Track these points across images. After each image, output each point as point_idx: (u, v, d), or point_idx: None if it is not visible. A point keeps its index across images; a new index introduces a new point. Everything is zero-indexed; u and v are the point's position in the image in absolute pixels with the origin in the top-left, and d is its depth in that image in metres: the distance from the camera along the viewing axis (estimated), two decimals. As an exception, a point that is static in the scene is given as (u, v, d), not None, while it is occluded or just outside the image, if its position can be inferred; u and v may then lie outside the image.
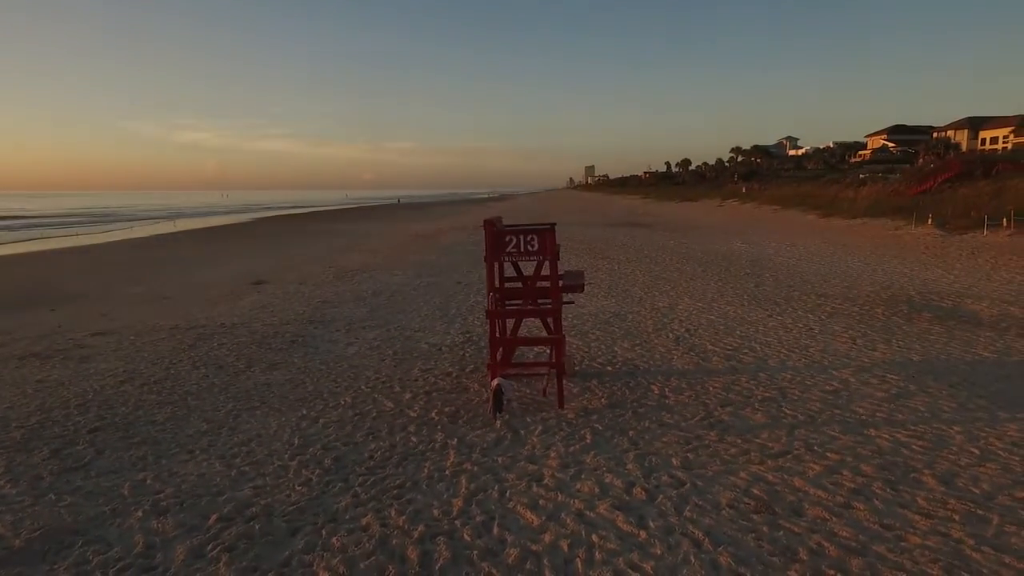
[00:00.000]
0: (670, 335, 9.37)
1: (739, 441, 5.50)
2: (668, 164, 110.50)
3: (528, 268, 7.18)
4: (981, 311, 10.57)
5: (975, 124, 71.77)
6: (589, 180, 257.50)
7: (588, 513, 4.38)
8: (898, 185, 32.16)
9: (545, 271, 6.74)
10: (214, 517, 4.43)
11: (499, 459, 5.31)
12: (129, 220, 49.80)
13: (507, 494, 4.69)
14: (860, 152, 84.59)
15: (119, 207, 76.15)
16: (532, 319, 8.26)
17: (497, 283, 6.87)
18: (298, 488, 4.87)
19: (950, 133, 71.39)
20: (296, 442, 5.78)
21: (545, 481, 4.88)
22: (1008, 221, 20.17)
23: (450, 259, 20.00)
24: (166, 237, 35.11)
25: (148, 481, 5.03)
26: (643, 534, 4.09)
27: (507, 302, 7.27)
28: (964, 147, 64.79)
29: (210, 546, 4.10)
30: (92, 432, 6.04)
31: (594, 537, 4.08)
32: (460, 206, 74.58)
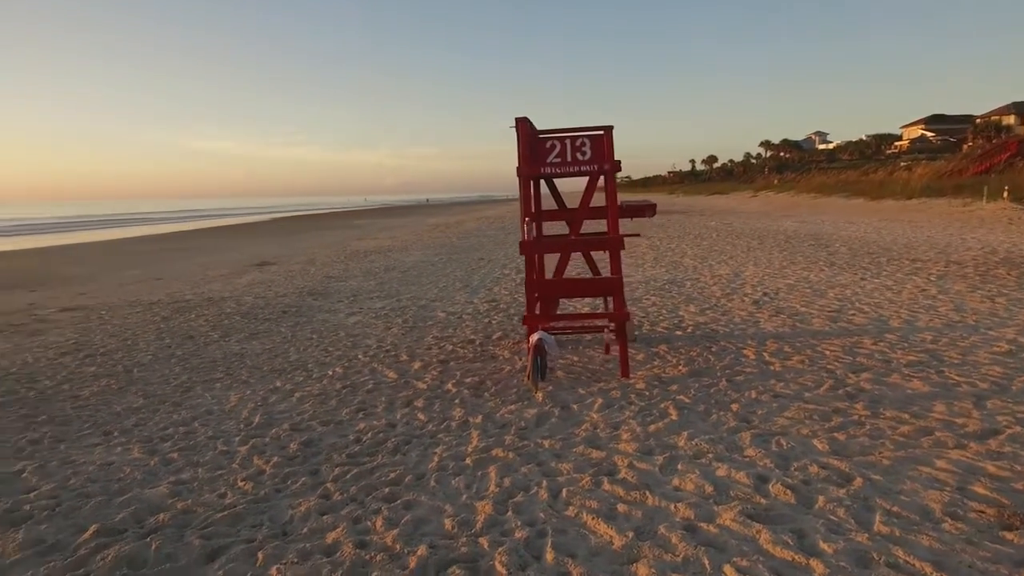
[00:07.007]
0: (745, 299, 7.52)
1: (906, 416, 3.67)
2: (693, 162, 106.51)
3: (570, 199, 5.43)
4: None
5: (1022, 109, 68.01)
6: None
7: (703, 526, 2.60)
8: (956, 164, 29.69)
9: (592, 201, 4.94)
10: (92, 530, 2.75)
11: (545, 442, 3.56)
12: (144, 223, 49.03)
13: (563, 494, 2.93)
14: (896, 143, 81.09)
15: (138, 213, 75.89)
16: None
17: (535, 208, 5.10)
18: (240, 483, 3.18)
19: (996, 118, 67.72)
20: (256, 420, 4.10)
21: (621, 475, 3.11)
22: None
23: (472, 242, 18.35)
24: (178, 233, 34.04)
25: (25, 474, 3.37)
26: (818, 567, 2.29)
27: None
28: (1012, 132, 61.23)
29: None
30: (-16, 409, 4.44)
31: (728, 571, 2.30)
32: (484, 204, 73.27)
